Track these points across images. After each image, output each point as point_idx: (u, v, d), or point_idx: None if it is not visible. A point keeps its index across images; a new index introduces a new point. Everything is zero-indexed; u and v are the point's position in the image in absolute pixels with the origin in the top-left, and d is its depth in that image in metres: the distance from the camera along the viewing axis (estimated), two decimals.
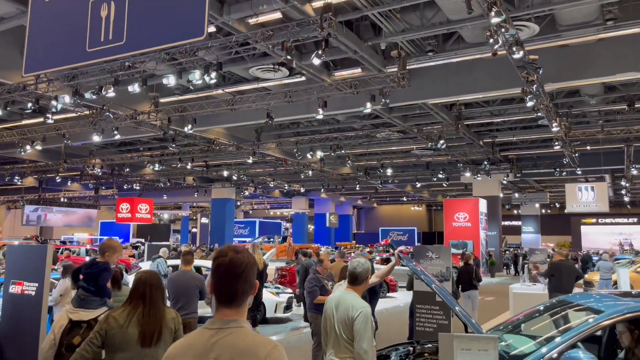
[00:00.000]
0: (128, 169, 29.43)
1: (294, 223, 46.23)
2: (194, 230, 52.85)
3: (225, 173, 29.97)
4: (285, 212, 54.59)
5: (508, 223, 44.82)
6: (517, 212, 46.70)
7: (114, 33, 4.30)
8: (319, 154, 23.27)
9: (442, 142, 18.73)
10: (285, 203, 49.69)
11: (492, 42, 9.78)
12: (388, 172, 28.27)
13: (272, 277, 15.81)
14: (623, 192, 32.74)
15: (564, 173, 26.28)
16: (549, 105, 14.82)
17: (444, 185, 33.40)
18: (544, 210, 47.73)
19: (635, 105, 15.91)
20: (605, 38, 12.44)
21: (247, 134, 21.90)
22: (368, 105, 13.79)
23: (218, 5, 10.49)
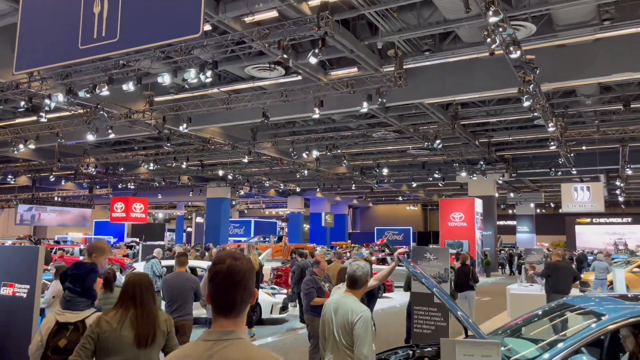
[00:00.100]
0: (122, 168, 29.30)
1: (290, 222, 46.14)
2: (189, 230, 52.70)
3: (221, 172, 29.87)
4: (281, 211, 54.46)
5: (503, 223, 44.95)
6: (512, 211, 46.84)
7: (107, 30, 4.20)
8: (315, 154, 23.19)
9: (438, 141, 18.69)
10: (281, 202, 49.59)
11: (489, 41, 9.75)
12: (384, 171, 28.23)
13: (267, 277, 15.73)
14: (617, 192, 32.83)
15: (559, 173, 26.34)
16: (545, 105, 14.81)
17: (440, 185, 33.41)
18: (539, 210, 47.87)
19: (631, 106, 15.93)
20: (602, 38, 12.42)
21: (242, 133, 21.80)
22: (364, 105, 13.74)
23: (214, 4, 10.40)
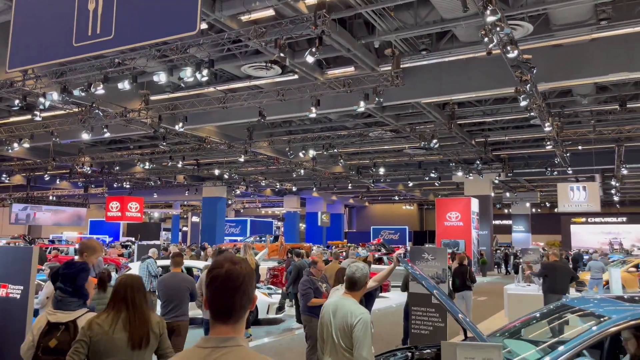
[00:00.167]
0: (118, 167, 29.16)
1: (286, 222, 46.08)
2: (185, 229, 52.55)
3: (217, 171, 29.76)
4: (277, 210, 54.42)
5: (499, 222, 45.01)
6: (507, 211, 46.90)
7: (102, 27, 4.13)
8: (312, 153, 23.14)
9: (435, 141, 18.68)
10: (277, 202, 49.52)
11: (486, 41, 9.72)
12: (380, 171, 28.21)
13: (263, 277, 15.68)
14: (613, 191, 32.94)
15: (555, 173, 26.39)
16: (542, 105, 14.81)
17: (436, 185, 33.42)
18: (535, 210, 47.97)
19: (627, 106, 15.95)
20: (598, 38, 12.42)
21: (238, 133, 21.72)
22: (361, 104, 13.70)
23: (210, 2, 10.33)
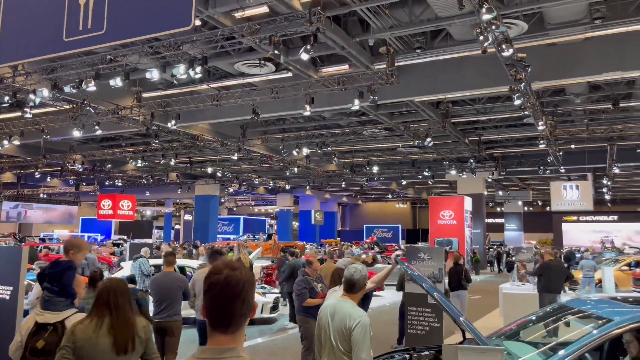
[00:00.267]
0: (110, 165, 28.90)
1: (279, 220, 45.99)
2: (177, 227, 52.32)
3: (210, 169, 29.61)
4: (270, 209, 54.31)
5: (491, 220, 45.15)
6: (500, 209, 47.11)
7: (94, 21, 4.03)
8: (305, 151, 23.07)
9: (429, 139, 18.66)
10: (270, 200, 49.40)
11: (482, 39, 9.68)
12: (374, 169, 28.19)
13: (257, 276, 15.59)
14: (604, 190, 33.16)
15: (548, 171, 26.50)
16: (536, 104, 14.82)
17: (429, 183, 33.46)
18: (527, 208, 48.20)
19: (620, 105, 16.01)
20: (592, 37, 12.44)
21: (232, 130, 21.60)
22: (356, 102, 13.64)
23: None
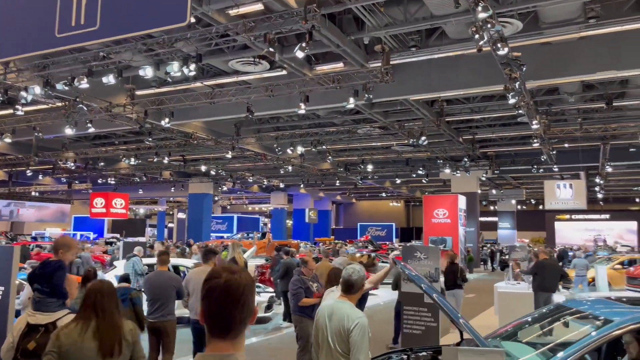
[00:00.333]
0: (103, 163, 28.70)
1: (273, 219, 45.90)
2: (171, 225, 52.09)
3: (203, 168, 29.49)
4: (264, 207, 54.19)
5: (484, 219, 45.28)
6: (493, 208, 47.24)
7: (87, 17, 3.96)
8: (300, 149, 23.01)
9: (423, 138, 18.66)
10: (264, 198, 49.29)
11: (477, 37, 9.67)
12: (368, 168, 28.16)
13: (252, 275, 15.52)
14: (597, 189, 33.36)
15: (541, 170, 26.59)
16: (530, 103, 14.85)
17: (423, 182, 33.50)
18: (520, 207, 48.39)
19: (613, 104, 16.07)
20: (586, 36, 12.47)
21: (226, 128, 21.50)
22: (351, 101, 13.60)
23: None
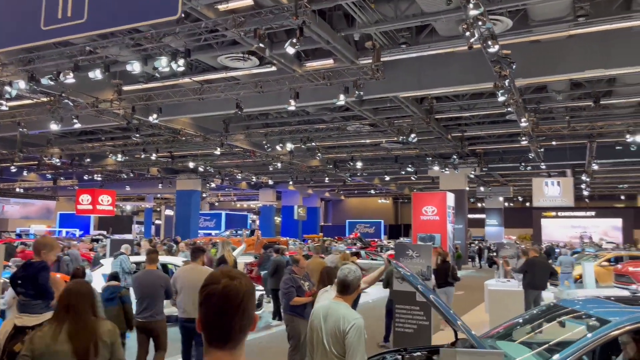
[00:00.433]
0: (89, 159, 28.35)
1: (261, 215, 45.76)
2: (158, 222, 51.72)
3: (191, 164, 29.26)
4: (252, 204, 54.01)
5: (472, 216, 45.60)
6: (481, 205, 47.57)
7: (74, 9, 3.84)
8: (289, 146, 22.92)
9: (413, 135, 18.67)
10: (252, 195, 49.10)
11: (468, 35, 9.65)
12: (358, 165, 28.15)
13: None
14: (583, 186, 33.71)
15: (529, 168, 26.81)
16: (519, 101, 14.91)
17: (412, 179, 33.58)
18: (507, 204, 48.77)
19: (601, 102, 16.21)
20: (575, 35, 12.53)
21: (214, 125, 21.32)
22: (341, 97, 13.54)
23: None
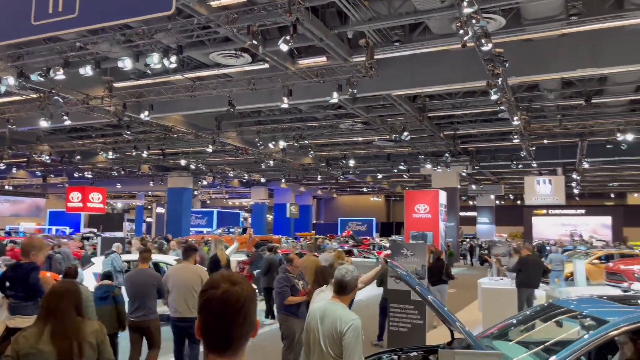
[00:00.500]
0: (79, 157, 28.09)
1: (253, 213, 45.64)
2: (149, 220, 51.44)
3: (183, 162, 29.09)
4: (244, 202, 53.85)
5: (464, 214, 45.81)
6: (472, 203, 47.79)
7: (65, 4, 3.76)
8: (282, 144, 22.85)
9: (406, 134, 18.68)
10: (244, 193, 48.96)
11: (461, 33, 9.66)
12: (350, 163, 28.14)
13: (234, 271, 15.37)
14: (573, 184, 33.96)
15: (520, 166, 26.95)
16: (511, 99, 14.96)
17: (405, 177, 33.65)
18: (499, 202, 49.05)
19: (592, 101, 16.30)
20: (567, 33, 12.58)
21: (206, 122, 21.20)
22: (335, 95, 13.50)
23: None
